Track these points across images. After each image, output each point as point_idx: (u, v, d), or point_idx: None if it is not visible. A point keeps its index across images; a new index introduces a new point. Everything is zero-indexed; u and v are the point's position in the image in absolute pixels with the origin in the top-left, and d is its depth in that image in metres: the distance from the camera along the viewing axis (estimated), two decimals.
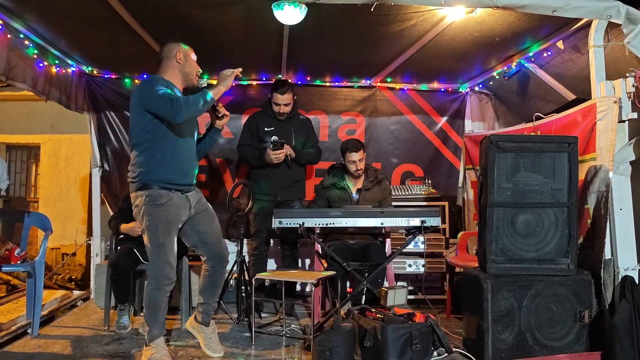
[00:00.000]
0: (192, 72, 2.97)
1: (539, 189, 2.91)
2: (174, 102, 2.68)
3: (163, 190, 2.82)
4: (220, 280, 3.13)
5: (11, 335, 3.34)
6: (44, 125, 6.89)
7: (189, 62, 2.95)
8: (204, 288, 3.09)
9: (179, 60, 2.92)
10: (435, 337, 2.95)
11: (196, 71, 2.99)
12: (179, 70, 2.93)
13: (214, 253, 3.05)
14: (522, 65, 4.16)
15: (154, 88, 2.76)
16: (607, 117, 2.92)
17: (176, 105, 2.68)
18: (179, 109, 2.68)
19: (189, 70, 2.95)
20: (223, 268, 3.11)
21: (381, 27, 3.47)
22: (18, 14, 3.29)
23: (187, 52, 2.95)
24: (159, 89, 2.75)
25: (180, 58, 2.92)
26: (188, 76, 2.96)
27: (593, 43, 3.03)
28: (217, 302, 3.18)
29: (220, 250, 3.07)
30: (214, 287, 3.10)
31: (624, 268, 2.88)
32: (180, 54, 2.92)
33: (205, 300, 3.10)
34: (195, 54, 3.02)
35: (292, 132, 4.17)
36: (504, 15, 3.21)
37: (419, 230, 3.44)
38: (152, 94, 2.74)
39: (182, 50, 2.93)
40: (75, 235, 6.81)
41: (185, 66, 2.94)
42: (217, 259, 3.06)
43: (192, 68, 2.97)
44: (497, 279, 2.86)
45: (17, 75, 3.51)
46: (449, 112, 5.22)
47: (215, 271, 3.07)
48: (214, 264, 3.06)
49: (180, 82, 2.95)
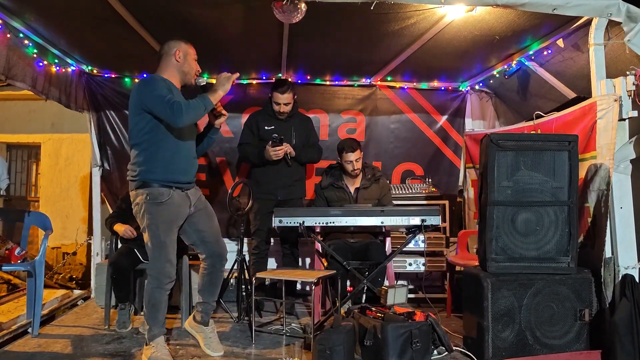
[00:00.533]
0: (190, 71, 2.95)
1: (539, 187, 2.92)
2: (174, 106, 2.67)
3: (163, 189, 2.81)
4: (219, 279, 3.12)
5: (12, 334, 3.35)
6: (44, 125, 6.91)
7: (188, 62, 2.94)
8: (203, 287, 3.09)
9: (178, 59, 2.91)
10: (435, 335, 2.95)
11: (195, 71, 2.98)
12: (177, 69, 2.92)
13: (213, 251, 3.05)
14: (523, 64, 4.15)
15: (153, 89, 2.75)
16: (608, 116, 2.91)
17: (177, 110, 2.66)
18: (180, 114, 2.67)
19: (188, 70, 2.94)
20: (222, 267, 3.10)
21: (381, 26, 3.46)
22: (18, 13, 3.29)
23: (187, 50, 2.94)
24: (159, 90, 2.74)
25: (179, 57, 2.91)
26: (186, 75, 2.95)
27: (593, 41, 3.03)
28: (216, 302, 3.18)
29: (219, 249, 3.07)
30: (212, 286, 3.10)
31: (624, 266, 2.87)
32: (180, 52, 2.91)
33: (204, 299, 3.10)
34: (196, 53, 3.01)
35: (292, 131, 4.17)
36: (504, 13, 3.20)
37: (419, 229, 3.44)
38: (152, 95, 2.73)
39: (182, 49, 2.92)
40: (75, 234, 6.82)
41: (184, 65, 2.93)
42: (216, 258, 3.06)
43: (191, 67, 2.96)
44: (497, 277, 2.86)
45: (16, 74, 3.51)
46: (449, 110, 5.21)
47: (214, 270, 3.07)
48: (213, 263, 3.06)
49: (178, 81, 2.94)
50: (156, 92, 2.73)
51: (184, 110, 2.67)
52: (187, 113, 2.69)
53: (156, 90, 2.73)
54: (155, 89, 2.74)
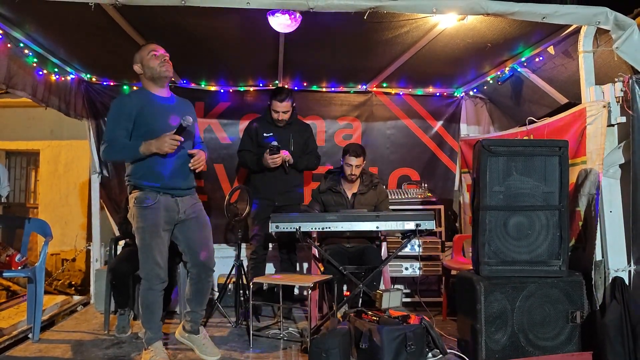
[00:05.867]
0: (154, 69, 2.94)
1: (530, 192, 2.97)
2: (104, 144, 2.90)
3: (151, 193, 2.89)
4: (206, 289, 3.12)
5: (12, 340, 3.39)
6: (43, 132, 6.93)
7: (146, 65, 2.95)
8: (191, 296, 3.10)
9: (139, 72, 2.98)
10: (429, 338, 3.00)
11: (157, 63, 2.94)
12: (145, 78, 3.00)
13: (198, 261, 3.05)
14: (515, 70, 4.22)
15: (109, 116, 2.94)
16: (597, 121, 2.97)
17: (105, 148, 2.89)
18: (105, 152, 2.91)
19: (151, 71, 2.95)
20: (208, 277, 3.11)
21: (375, 34, 3.52)
22: (18, 23, 3.35)
23: (142, 57, 2.97)
24: (109, 122, 2.94)
25: (138, 68, 2.98)
26: (154, 76, 2.96)
27: (582, 49, 3.09)
28: (204, 310, 3.19)
29: (205, 259, 3.06)
30: (200, 295, 3.10)
31: (614, 269, 2.93)
32: (137, 65, 2.98)
33: (192, 308, 3.11)
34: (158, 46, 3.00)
35: (291, 138, 4.22)
36: (495, 21, 3.26)
37: (414, 234, 3.48)
38: (108, 120, 2.97)
39: (137, 60, 2.98)
40: (74, 240, 6.83)
41: (146, 70, 2.96)
42: (201, 267, 3.07)
43: (152, 66, 2.94)
44: (490, 281, 2.91)
45: (17, 83, 3.57)
46: (444, 116, 5.28)
47: (200, 279, 3.08)
48: (198, 272, 3.07)
49: (152, 85, 2.99)
50: (108, 122, 2.97)
51: (112, 151, 2.90)
52: (110, 155, 2.96)
53: (108, 120, 2.96)
54: (109, 118, 2.95)
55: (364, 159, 4.05)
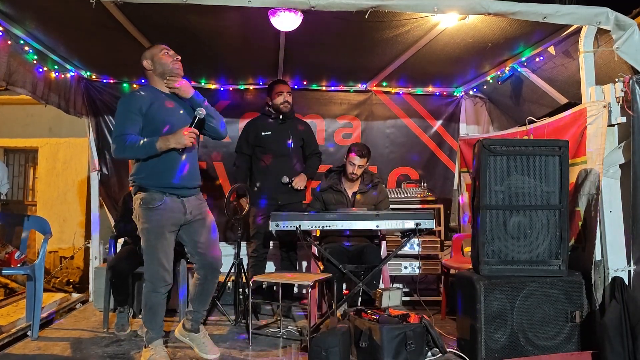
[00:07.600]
0: (165, 67, 2.94)
1: (530, 191, 2.97)
2: (117, 139, 2.80)
3: (157, 194, 2.85)
4: (210, 290, 3.11)
5: (11, 337, 3.38)
6: (42, 129, 6.93)
7: (157, 62, 2.94)
8: (194, 297, 3.09)
9: (149, 68, 2.96)
10: (429, 337, 3.00)
11: (170, 62, 2.95)
12: (154, 74, 2.97)
13: (205, 263, 3.04)
14: (515, 70, 4.22)
15: (118, 113, 2.87)
16: (597, 122, 2.97)
17: (118, 145, 2.79)
18: (118, 150, 2.80)
19: (162, 69, 2.95)
20: (214, 278, 3.09)
21: (376, 33, 3.52)
22: (18, 20, 3.34)
23: (153, 54, 2.96)
24: (119, 117, 2.86)
25: (148, 65, 2.96)
26: (164, 74, 2.95)
27: (583, 49, 3.09)
28: (206, 311, 3.19)
29: (212, 261, 3.04)
30: (204, 296, 3.10)
31: (614, 269, 2.93)
32: (147, 61, 2.96)
33: (194, 308, 3.10)
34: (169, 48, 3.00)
35: (290, 134, 4.23)
36: (496, 21, 3.26)
37: (413, 233, 3.49)
38: (117, 117, 2.88)
39: (147, 56, 2.97)
40: (73, 238, 6.84)
41: (157, 68, 2.95)
42: (208, 269, 3.05)
43: (163, 64, 2.94)
44: (490, 280, 2.91)
45: (17, 80, 3.56)
46: (444, 115, 5.29)
47: (206, 281, 3.07)
48: (205, 274, 3.06)
49: (160, 82, 2.98)
50: (117, 119, 2.88)
51: (123, 148, 2.79)
52: (124, 152, 2.82)
53: (118, 117, 2.87)
54: (119, 114, 2.87)
55: (367, 161, 4.05)
